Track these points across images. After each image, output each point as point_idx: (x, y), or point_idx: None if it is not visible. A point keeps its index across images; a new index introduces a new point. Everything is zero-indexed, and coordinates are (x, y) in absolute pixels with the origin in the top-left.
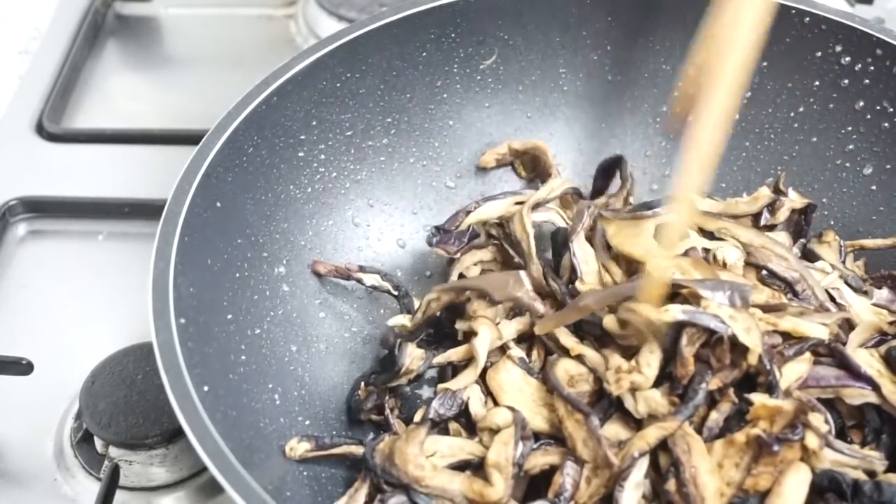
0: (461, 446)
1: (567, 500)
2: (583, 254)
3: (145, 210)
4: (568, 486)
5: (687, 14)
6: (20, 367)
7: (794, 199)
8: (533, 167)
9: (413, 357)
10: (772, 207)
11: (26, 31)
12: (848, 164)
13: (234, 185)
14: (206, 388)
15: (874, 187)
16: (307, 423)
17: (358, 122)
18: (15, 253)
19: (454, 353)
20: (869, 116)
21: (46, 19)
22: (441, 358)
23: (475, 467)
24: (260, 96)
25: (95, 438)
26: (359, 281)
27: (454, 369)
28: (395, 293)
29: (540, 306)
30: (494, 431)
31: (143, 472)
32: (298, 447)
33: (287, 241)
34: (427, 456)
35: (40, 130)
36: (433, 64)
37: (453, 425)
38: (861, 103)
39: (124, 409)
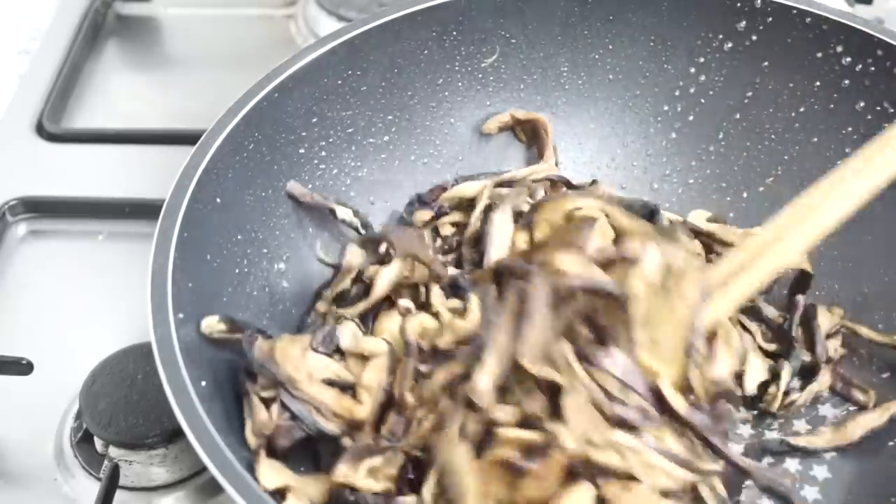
0: (330, 367)
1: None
2: (501, 225)
3: (145, 210)
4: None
5: (689, 14)
6: (20, 367)
7: None
8: (533, 138)
9: (353, 254)
10: None
11: (26, 31)
12: None
13: (234, 181)
14: (203, 384)
15: None
16: None
17: (359, 119)
18: (15, 253)
19: (375, 269)
20: (869, 117)
21: (46, 19)
22: (371, 270)
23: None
24: (261, 93)
25: (95, 438)
26: (331, 212)
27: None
28: (363, 232)
29: (440, 267)
30: (364, 359)
31: (143, 472)
32: (216, 325)
33: (287, 237)
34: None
35: (40, 130)
36: (435, 62)
37: None
38: (861, 104)
39: (124, 409)
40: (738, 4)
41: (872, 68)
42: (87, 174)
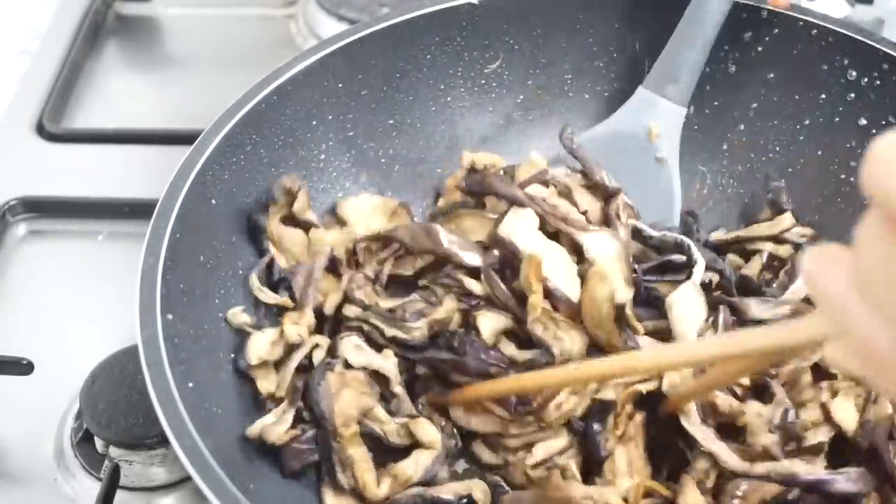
0: (386, 426)
1: None
2: None
3: (145, 210)
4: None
5: None
6: (20, 367)
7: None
8: None
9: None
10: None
11: (26, 31)
12: (852, 179)
13: (231, 182)
14: (191, 385)
15: None
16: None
17: (359, 123)
18: (15, 253)
19: None
20: (874, 131)
21: (46, 19)
22: None
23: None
24: (259, 95)
25: (95, 438)
26: None
27: None
28: None
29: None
30: (413, 439)
31: (144, 472)
32: (241, 316)
33: None
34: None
35: (40, 130)
36: (437, 67)
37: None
38: (866, 118)
39: (124, 409)
40: (744, 15)
41: (878, 82)
42: (87, 174)
